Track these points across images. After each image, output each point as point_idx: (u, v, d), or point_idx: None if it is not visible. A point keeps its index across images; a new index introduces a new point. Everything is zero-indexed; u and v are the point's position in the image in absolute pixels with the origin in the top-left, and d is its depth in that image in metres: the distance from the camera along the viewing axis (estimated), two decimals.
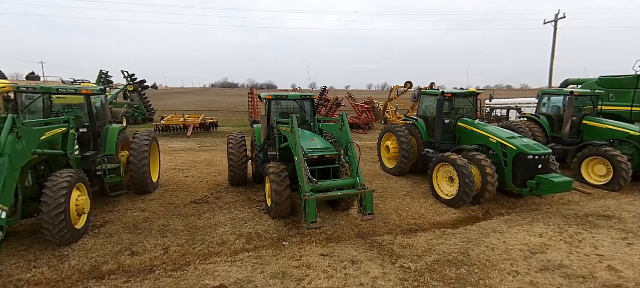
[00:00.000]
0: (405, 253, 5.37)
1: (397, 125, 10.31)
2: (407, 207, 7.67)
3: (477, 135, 8.49)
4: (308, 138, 6.95)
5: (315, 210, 5.32)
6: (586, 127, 10.34)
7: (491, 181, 7.34)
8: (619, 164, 8.55)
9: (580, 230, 6.19)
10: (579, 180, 9.52)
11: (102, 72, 23.52)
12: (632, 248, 5.41)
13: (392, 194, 8.57)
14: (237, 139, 8.54)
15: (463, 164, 7.40)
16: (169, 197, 7.84)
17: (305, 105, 8.43)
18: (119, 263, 5.02)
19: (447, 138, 9.38)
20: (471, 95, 9.41)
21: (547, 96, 11.39)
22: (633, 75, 13.18)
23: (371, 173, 10.62)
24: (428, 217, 7.11)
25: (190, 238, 5.85)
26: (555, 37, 23.39)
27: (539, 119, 11.15)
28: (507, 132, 7.95)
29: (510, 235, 6.01)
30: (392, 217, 7.02)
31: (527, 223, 6.63)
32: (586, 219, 6.74)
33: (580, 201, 8.09)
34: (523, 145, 7.29)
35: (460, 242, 5.76)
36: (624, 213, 7.04)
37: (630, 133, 9.20)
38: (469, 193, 7.26)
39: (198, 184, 9.06)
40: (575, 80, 16.95)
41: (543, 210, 7.44)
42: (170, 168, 10.84)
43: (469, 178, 7.23)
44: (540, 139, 10.92)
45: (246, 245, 5.68)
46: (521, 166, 7.24)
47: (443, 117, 9.04)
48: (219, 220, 6.62)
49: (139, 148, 7.48)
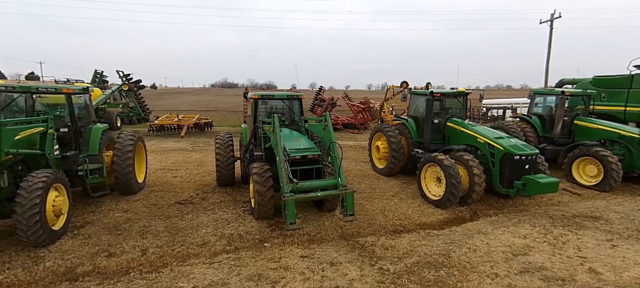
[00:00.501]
0: (386, 255, 5.30)
1: (387, 125, 10.25)
2: (394, 207, 7.61)
3: (465, 135, 8.42)
4: (292, 138, 6.88)
5: (294, 211, 5.25)
6: (577, 127, 10.27)
7: (478, 182, 7.27)
8: (609, 164, 8.48)
9: (565, 231, 6.12)
10: (570, 181, 9.47)
11: (97, 71, 23.45)
12: (616, 250, 5.34)
13: (380, 194, 8.50)
14: (224, 139, 8.47)
15: (450, 164, 7.33)
16: (153, 198, 7.77)
17: (292, 104, 8.36)
18: (94, 264, 4.96)
19: (437, 138, 9.31)
20: (460, 95, 9.34)
21: (539, 96, 11.32)
22: (627, 74, 13.10)
23: (361, 174, 10.56)
24: (414, 218, 7.05)
25: (170, 239, 5.78)
26: (551, 37, 23.32)
27: (531, 119, 11.09)
28: (494, 132, 7.88)
29: (494, 236, 5.94)
30: (377, 218, 6.95)
31: (513, 224, 6.56)
32: (573, 220, 6.67)
33: (570, 202, 8.02)
34: (510, 145, 7.22)
35: (443, 243, 5.69)
36: (611, 214, 6.97)
37: (621, 133, 9.13)
38: (455, 193, 7.19)
39: (185, 184, 8.99)
40: (570, 79, 16.87)
41: (531, 210, 7.37)
42: (160, 168, 10.78)
43: (455, 178, 7.17)
44: (531, 139, 10.87)
45: (226, 246, 5.61)
46: (508, 166, 7.18)
47: (432, 117, 8.96)
48: (202, 221, 6.56)
49: (122, 148, 7.41)
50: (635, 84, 12.85)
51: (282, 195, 5.39)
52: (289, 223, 5.20)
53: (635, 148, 8.73)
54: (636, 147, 8.71)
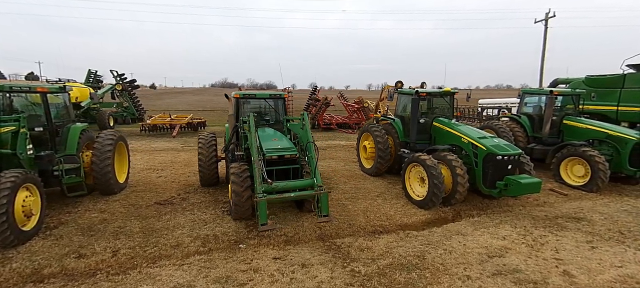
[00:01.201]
0: (360, 256, 5.22)
1: (374, 125, 10.16)
2: (377, 208, 7.52)
3: (450, 135, 8.33)
4: (270, 137, 6.80)
5: (265, 212, 5.17)
6: (566, 127, 10.17)
7: (461, 182, 7.18)
8: (596, 164, 8.38)
9: (546, 232, 6.02)
10: (558, 181, 9.37)
11: (91, 71, 23.37)
12: (594, 252, 5.24)
13: (364, 195, 8.41)
14: (206, 139, 8.39)
15: (432, 165, 7.24)
16: (133, 198, 7.69)
17: (275, 104, 8.27)
18: (62, 266, 4.88)
19: (423, 138, 9.22)
20: (446, 94, 9.24)
21: (528, 96, 11.22)
22: (619, 74, 13.00)
23: (349, 174, 10.47)
24: (396, 219, 6.96)
25: (144, 240, 5.70)
26: (546, 36, 23.18)
27: (520, 119, 10.99)
28: (478, 132, 7.79)
29: (472, 237, 5.85)
30: (358, 219, 6.86)
31: (494, 225, 6.46)
32: (555, 221, 6.57)
33: (556, 202, 7.92)
34: (492, 145, 7.13)
35: (420, 244, 5.60)
36: (595, 215, 6.87)
37: (608, 133, 9.02)
38: (437, 194, 7.10)
39: (168, 184, 8.91)
40: (564, 79, 16.77)
41: (514, 211, 7.27)
42: (146, 168, 10.70)
43: (437, 179, 7.08)
44: (521, 139, 10.77)
45: (200, 247, 5.53)
46: (491, 166, 7.08)
47: (418, 117, 8.88)
48: (179, 221, 6.47)
49: (101, 147, 7.33)
50: (627, 83, 12.76)
51: (256, 195, 5.31)
52: (260, 224, 5.12)
53: (623, 148, 8.63)
54: (624, 147, 8.61)
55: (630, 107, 12.59)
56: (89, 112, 19.65)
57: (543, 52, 23.17)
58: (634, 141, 8.42)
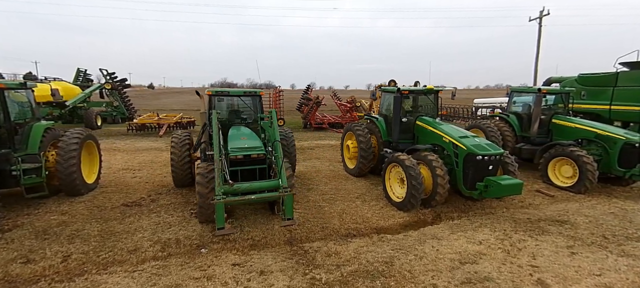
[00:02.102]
0: (325, 263, 4.91)
1: (357, 124, 9.86)
2: (354, 210, 7.22)
3: (432, 134, 8.03)
4: (239, 136, 6.50)
5: (222, 215, 4.86)
6: (555, 126, 9.87)
7: (441, 183, 6.88)
8: (584, 165, 8.08)
9: (525, 236, 5.72)
10: (546, 182, 9.07)
11: (80, 70, 23.07)
12: (574, 258, 4.93)
13: (343, 196, 8.11)
14: (180, 138, 8.09)
15: (411, 165, 6.95)
16: (101, 199, 7.39)
17: (250, 102, 7.97)
18: (6, 272, 4.58)
19: (407, 137, 8.92)
20: (429, 93, 8.94)
21: (517, 94, 10.92)
22: (612, 72, 12.71)
23: (331, 174, 10.17)
24: (372, 221, 6.66)
25: (100, 244, 5.40)
26: (540, 35, 22.82)
27: (509, 118, 10.69)
28: (460, 131, 7.48)
29: (448, 242, 5.55)
30: (332, 221, 6.56)
31: (473, 228, 6.16)
32: (537, 224, 6.27)
33: (541, 204, 7.62)
34: (473, 144, 6.83)
35: (391, 249, 5.30)
36: (580, 218, 6.57)
37: (597, 132, 8.72)
38: (416, 196, 6.81)
39: (141, 185, 8.61)
40: (558, 77, 16.48)
41: (497, 213, 6.98)
42: (123, 168, 10.40)
43: (416, 180, 6.78)
44: (509, 138, 10.48)
45: (159, 252, 5.23)
46: (471, 167, 6.78)
47: (400, 115, 8.57)
48: (142, 224, 6.17)
49: (66, 147, 7.02)
50: (620, 82, 12.46)
51: (214, 197, 5.01)
52: (217, 228, 4.81)
53: (612, 148, 8.32)
54: (613, 147, 8.31)
55: (622, 106, 12.29)
56: (76, 111, 19.35)
57: (537, 51, 22.84)
58: (623, 141, 8.12)
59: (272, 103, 21.74)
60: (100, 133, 18.31)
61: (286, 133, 9.12)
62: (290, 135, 9.11)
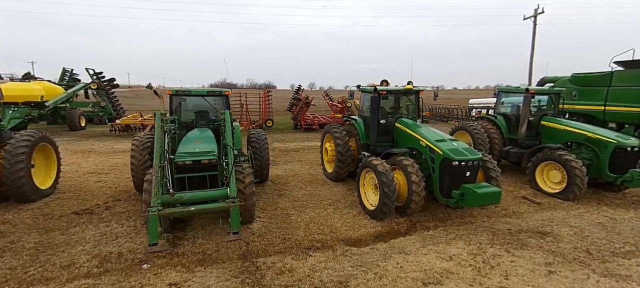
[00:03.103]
0: (274, 282, 4.42)
1: (335, 126, 9.36)
2: (324, 219, 6.72)
3: (410, 137, 7.52)
4: (194, 139, 6.00)
5: (155, 230, 4.36)
6: (544, 128, 9.35)
7: (417, 190, 6.37)
8: (572, 170, 7.56)
9: (501, 251, 5.21)
10: (533, 187, 8.56)
11: (65, 69, 22.58)
12: (550, 278, 4.42)
13: (315, 203, 7.61)
14: (141, 140, 7.59)
15: (383, 171, 6.45)
16: (52, 206, 6.90)
17: (215, 102, 7.46)
18: None
19: (386, 140, 8.42)
20: (410, 93, 8.43)
21: (505, 94, 10.40)
22: (606, 72, 12.18)
23: (309, 178, 9.67)
24: (341, 232, 6.16)
25: (32, 259, 4.91)
26: (535, 33, 22.23)
27: (496, 119, 10.17)
28: (438, 134, 6.97)
29: (415, 257, 5.04)
30: (297, 232, 6.06)
31: (447, 240, 5.66)
32: (517, 236, 5.76)
33: (526, 212, 7.11)
34: (449, 149, 6.32)
35: (351, 266, 4.79)
36: (564, 229, 6.06)
37: (587, 135, 8.19)
38: (388, 204, 6.31)
39: (103, 190, 8.12)
40: (552, 77, 15.94)
41: (477, 222, 6.47)
42: (90, 171, 9.91)
43: (388, 187, 6.28)
44: (496, 141, 9.97)
45: (94, 268, 4.73)
46: (447, 173, 6.27)
47: (378, 117, 8.07)
48: (86, 235, 5.68)
49: (13, 150, 6.54)
50: (615, 81, 11.94)
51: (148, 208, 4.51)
52: (149, 244, 4.31)
53: (602, 152, 7.80)
54: (603, 150, 7.79)
55: (617, 106, 11.77)
56: (58, 112, 18.88)
57: (532, 50, 22.21)
58: (614, 144, 7.60)
59: (261, 103, 21.25)
60: (82, 134, 17.85)
61: (258, 135, 8.63)
62: (263, 137, 8.61)
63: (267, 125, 20.59)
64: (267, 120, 20.63)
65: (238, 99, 21.34)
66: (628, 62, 11.87)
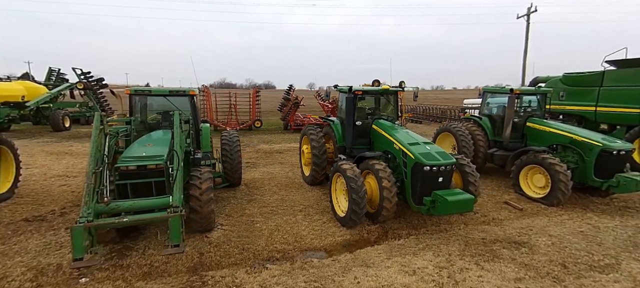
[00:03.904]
0: None
1: (312, 127, 8.98)
2: (292, 226, 6.35)
3: (385, 139, 7.14)
4: (145, 142, 5.62)
5: (80, 243, 3.96)
6: (529, 130, 8.96)
7: (388, 196, 5.99)
8: (556, 174, 7.18)
9: (471, 263, 4.83)
10: (517, 192, 8.18)
11: (52, 69, 22.20)
12: None
13: (286, 209, 7.24)
14: None
15: (352, 176, 6.08)
16: (3, 212, 6.53)
17: (179, 103, 7.08)
18: None
19: (363, 143, 8.03)
20: (387, 93, 8.04)
21: (490, 95, 10.02)
22: (597, 71, 11.79)
23: (286, 182, 9.30)
24: (306, 241, 5.79)
25: None
26: (528, 32, 21.80)
27: (481, 121, 9.79)
28: (413, 138, 6.58)
29: (377, 270, 4.67)
30: (258, 242, 5.69)
31: (415, 251, 5.28)
32: (491, 247, 5.38)
33: (506, 219, 6.74)
34: (421, 153, 5.94)
35: (305, 281, 4.42)
36: (542, 238, 5.67)
37: (572, 138, 7.81)
38: (356, 210, 5.94)
39: (63, 195, 7.75)
40: (544, 77, 15.55)
41: (452, 230, 6.10)
42: (59, 174, 9.54)
43: (357, 193, 5.91)
44: (481, 143, 9.59)
45: (27, 282, 4.37)
46: (419, 178, 5.89)
47: (353, 118, 7.69)
48: (29, 244, 5.31)
49: None
50: (606, 81, 11.55)
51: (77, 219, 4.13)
52: (73, 260, 3.93)
53: (588, 155, 7.42)
54: (588, 154, 7.40)
55: (609, 107, 11.38)
56: (42, 112, 18.51)
57: (525, 49, 21.77)
58: (600, 148, 7.21)
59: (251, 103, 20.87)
60: (65, 135, 17.48)
61: (230, 137, 8.25)
62: (234, 139, 8.24)
63: (256, 126, 20.23)
64: (256, 121, 20.26)
65: (228, 99, 21.02)
66: (620, 61, 11.48)
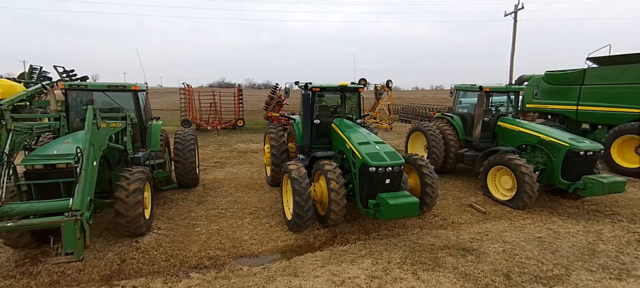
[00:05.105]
0: None
1: (273, 125, 8.61)
2: (234, 230, 5.99)
3: (340, 139, 6.76)
4: (65, 140, 5.25)
5: None
6: (500, 130, 8.57)
7: (335, 198, 5.62)
8: (522, 176, 6.79)
9: (408, 273, 4.45)
10: (485, 193, 7.80)
11: (33, 67, 21.76)
12: None
13: (235, 211, 6.87)
14: None
15: (297, 177, 5.72)
16: None
17: (120, 99, 6.69)
18: None
19: (324, 142, 7.65)
20: (347, 90, 7.66)
21: (462, 93, 9.62)
22: (579, 69, 11.41)
23: (246, 182, 8.94)
24: (245, 246, 5.42)
25: None
26: (515, 30, 21.33)
27: (453, 119, 9.40)
28: (366, 137, 6.19)
29: (302, 280, 4.29)
30: (191, 247, 5.32)
31: (354, 258, 4.90)
32: (437, 254, 4.99)
33: (466, 223, 6.36)
34: (368, 153, 5.56)
35: None
36: (495, 245, 5.28)
37: (541, 138, 7.41)
38: (300, 214, 5.59)
39: None
40: (529, 75, 15.17)
41: (404, 235, 5.73)
42: None
43: (300, 195, 5.57)
44: (453, 143, 9.20)
45: None
46: (366, 180, 5.51)
47: (311, 116, 7.31)
48: None
49: None
50: (588, 79, 11.18)
51: None
52: None
53: (555, 156, 7.02)
54: (555, 155, 7.01)
55: (590, 106, 11.00)
56: (18, 111, 18.12)
57: (513, 47, 21.31)
58: (567, 148, 6.82)
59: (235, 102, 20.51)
60: None
61: (183, 136, 7.88)
62: (188, 138, 7.86)
63: (238, 125, 19.87)
64: (238, 120, 19.90)
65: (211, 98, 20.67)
66: (602, 59, 11.10)
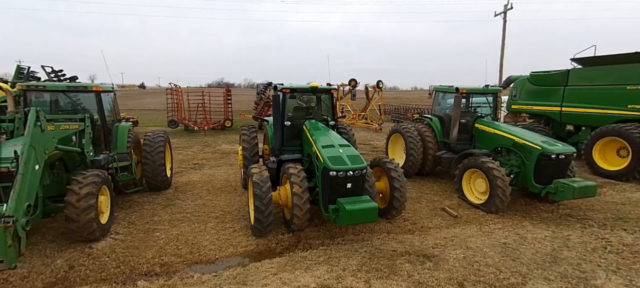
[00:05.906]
0: None
1: (247, 127, 8.46)
2: (196, 235, 5.85)
3: (308, 142, 6.62)
4: (13, 142, 5.10)
5: None
6: (477, 132, 8.43)
7: (298, 203, 5.48)
8: (494, 180, 6.65)
9: (360, 281, 4.31)
10: (460, 197, 7.66)
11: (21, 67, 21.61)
12: None
13: (200, 215, 6.73)
14: None
15: (258, 180, 5.58)
16: None
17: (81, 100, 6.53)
18: None
19: (296, 144, 7.50)
20: (318, 91, 7.51)
21: (441, 94, 9.48)
22: (563, 70, 11.28)
23: (221, 185, 8.80)
24: (202, 252, 5.28)
25: None
26: (505, 30, 21.18)
27: (431, 121, 9.26)
28: (332, 140, 6.04)
29: None
30: (145, 253, 5.17)
31: (310, 265, 4.76)
32: (395, 260, 4.85)
33: (435, 227, 6.23)
34: (331, 157, 5.41)
35: None
36: (457, 251, 5.14)
37: (515, 140, 7.27)
38: (260, 219, 5.47)
39: None
40: (517, 76, 15.05)
41: (369, 240, 5.59)
42: None
43: (260, 199, 5.43)
44: (431, 145, 9.06)
45: None
46: (327, 184, 5.37)
47: (281, 118, 7.17)
48: None
49: None
50: (571, 80, 11.06)
51: None
52: None
53: (528, 159, 6.89)
54: (528, 158, 6.87)
55: (573, 107, 10.88)
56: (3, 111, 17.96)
57: (502, 47, 21.18)
58: (539, 151, 6.67)
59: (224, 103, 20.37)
60: None
61: (152, 137, 7.72)
62: (157, 139, 7.72)
63: (226, 125, 19.73)
64: (226, 121, 19.76)
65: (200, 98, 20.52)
66: (585, 59, 10.98)
